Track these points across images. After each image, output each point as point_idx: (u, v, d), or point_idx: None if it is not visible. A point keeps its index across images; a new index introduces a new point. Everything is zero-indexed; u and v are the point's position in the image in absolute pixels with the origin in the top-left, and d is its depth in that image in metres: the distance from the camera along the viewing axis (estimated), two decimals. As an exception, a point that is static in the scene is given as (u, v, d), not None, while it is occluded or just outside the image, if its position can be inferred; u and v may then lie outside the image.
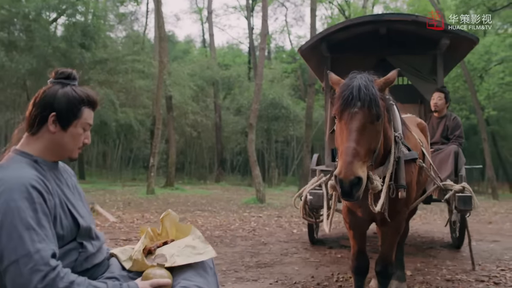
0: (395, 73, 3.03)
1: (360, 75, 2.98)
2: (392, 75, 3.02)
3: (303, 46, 6.32)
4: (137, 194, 15.97)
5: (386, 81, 3.01)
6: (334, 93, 3.20)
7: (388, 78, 3.02)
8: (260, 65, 14.45)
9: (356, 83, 2.88)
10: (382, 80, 3.01)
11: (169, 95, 20.27)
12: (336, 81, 3.14)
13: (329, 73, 3.21)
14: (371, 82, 2.91)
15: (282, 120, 25.20)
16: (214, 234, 7.97)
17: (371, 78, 2.95)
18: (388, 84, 3.03)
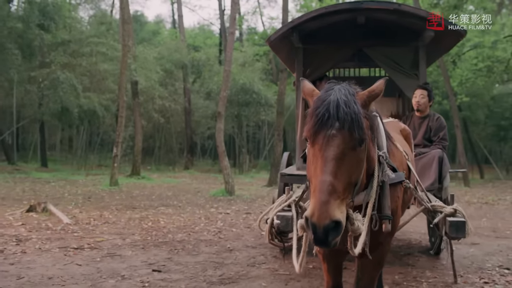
0: (382, 84, 2.43)
1: (338, 86, 2.37)
2: (378, 87, 2.42)
3: (271, 37, 5.67)
4: (100, 185, 15.16)
5: (371, 95, 2.41)
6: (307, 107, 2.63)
7: (373, 90, 2.41)
8: (229, 51, 13.71)
9: (333, 97, 2.27)
10: (366, 93, 2.41)
11: (134, 80, 19.32)
12: (309, 92, 2.53)
13: (302, 80, 2.60)
14: (352, 96, 2.30)
15: (253, 105, 24.52)
16: (177, 238, 7.35)
17: (352, 91, 2.35)
18: (373, 98, 2.42)
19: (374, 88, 2.41)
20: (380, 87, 2.41)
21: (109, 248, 6.53)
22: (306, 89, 2.53)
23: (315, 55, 5.99)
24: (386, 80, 2.46)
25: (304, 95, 2.55)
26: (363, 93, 2.40)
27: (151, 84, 21.86)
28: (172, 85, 26.23)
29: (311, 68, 6.03)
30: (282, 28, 5.57)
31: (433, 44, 5.61)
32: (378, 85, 2.42)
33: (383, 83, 2.42)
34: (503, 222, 9.52)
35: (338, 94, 2.29)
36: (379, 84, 2.42)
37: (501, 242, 7.35)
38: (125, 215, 9.30)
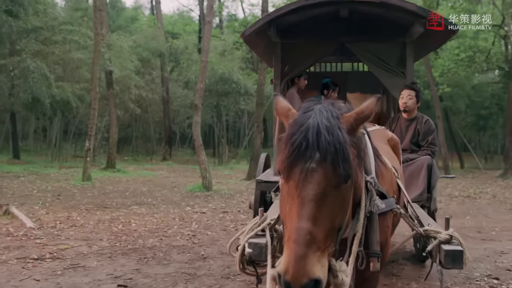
0: (373, 104, 1.99)
1: (319, 107, 1.93)
2: (368, 108, 1.98)
3: (246, 31, 5.20)
4: (72, 180, 14.55)
5: (359, 117, 1.97)
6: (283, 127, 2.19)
7: (362, 112, 1.97)
8: (206, 41, 13.15)
9: (313, 121, 1.84)
10: (353, 115, 1.97)
11: (108, 69, 18.61)
12: (283, 111, 2.08)
13: (276, 97, 2.13)
14: (336, 120, 1.87)
15: (233, 95, 23.95)
16: (147, 243, 6.89)
17: (335, 113, 1.91)
18: (362, 121, 1.99)
19: (363, 109, 1.98)
20: (371, 107, 1.98)
21: (73, 257, 6.05)
22: (280, 108, 2.09)
23: (294, 51, 5.55)
24: (378, 99, 2.03)
25: (278, 115, 2.10)
26: (349, 116, 1.96)
27: (126, 74, 21.13)
28: (149, 74, 25.50)
29: (291, 65, 5.59)
30: (258, 22, 5.09)
31: (421, 40, 5.21)
32: (368, 105, 1.98)
33: (374, 102, 1.99)
34: (487, 221, 9.27)
35: (319, 117, 1.85)
36: (369, 104, 1.98)
37: (488, 245, 7.06)
38: (94, 217, 8.79)
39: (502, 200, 12.79)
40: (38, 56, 19.46)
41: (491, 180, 19.37)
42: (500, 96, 29.69)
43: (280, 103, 2.09)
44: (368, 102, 1.99)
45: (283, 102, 2.09)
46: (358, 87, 7.45)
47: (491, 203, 12.12)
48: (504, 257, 6.43)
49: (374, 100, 1.99)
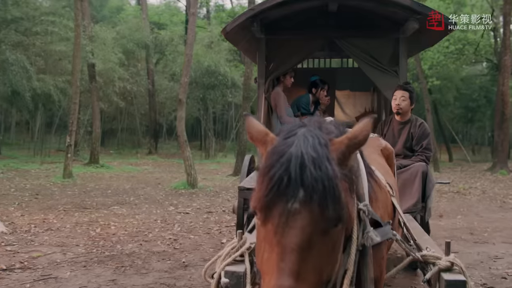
0: (368, 126, 1.63)
1: (303, 131, 1.58)
2: (363, 131, 1.62)
3: (228, 27, 4.82)
4: (53, 177, 14.09)
5: (352, 143, 1.61)
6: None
7: (356, 136, 1.61)
8: (190, 33, 12.71)
9: (296, 150, 1.48)
10: (345, 141, 1.60)
11: (91, 62, 18.06)
12: (258, 136, 1.71)
13: (247, 117, 1.76)
14: (324, 149, 1.52)
15: (219, 88, 23.50)
16: (126, 249, 6.53)
17: (323, 139, 1.55)
18: (355, 148, 1.63)
19: (356, 133, 1.62)
20: (365, 131, 1.62)
21: (45, 267, 5.67)
22: (255, 132, 1.71)
23: (280, 48, 5.20)
24: (374, 119, 1.68)
25: (253, 141, 1.73)
26: (340, 141, 1.60)
27: (110, 66, 20.56)
28: (134, 66, 24.93)
29: (276, 62, 5.23)
30: (241, 16, 4.71)
31: (415, 37, 4.88)
32: (362, 128, 1.62)
33: (368, 125, 1.64)
34: (478, 220, 9.03)
35: (303, 144, 1.50)
36: (363, 127, 1.63)
37: (480, 249, 6.80)
38: (72, 219, 8.40)
39: (492, 196, 12.61)
40: (19, 48, 18.85)
41: (480, 174, 19.28)
42: (488, 88, 29.67)
43: (254, 126, 1.71)
44: (362, 124, 1.64)
45: (257, 125, 1.71)
46: (347, 84, 7.13)
47: (481, 200, 11.94)
48: (498, 262, 6.18)
49: (369, 122, 1.64)
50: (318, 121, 1.78)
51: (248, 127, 1.72)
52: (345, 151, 1.59)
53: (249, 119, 1.74)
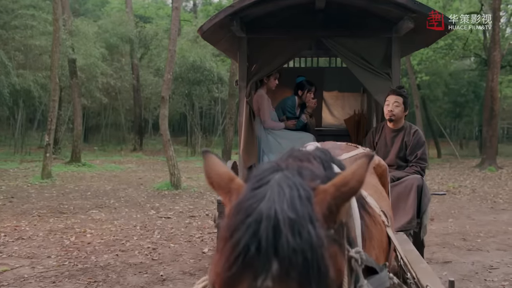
0: (363, 168, 1.24)
1: (278, 177, 1.18)
2: (355, 176, 1.21)
3: (205, 26, 4.41)
4: (31, 177, 13.57)
5: (341, 192, 1.20)
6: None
7: (346, 183, 1.21)
8: (173, 28, 12.25)
9: (268, 207, 1.10)
10: (331, 190, 1.20)
11: (71, 58, 17.48)
12: (221, 182, 1.31)
13: (206, 155, 1.34)
14: (306, 204, 1.13)
15: (205, 84, 23.01)
16: (100, 261, 6.13)
17: (304, 190, 1.16)
18: (346, 199, 1.23)
19: (347, 178, 1.22)
20: (360, 174, 1.23)
21: (10, 283, 5.26)
22: (214, 175, 1.31)
23: (263, 48, 4.80)
24: (371, 158, 1.29)
25: (212, 187, 1.34)
26: (325, 191, 1.20)
27: (92, 61, 19.95)
28: (118, 61, 24.33)
29: (259, 63, 4.82)
30: (219, 14, 4.28)
31: (409, 37, 4.50)
32: (356, 171, 1.23)
33: (364, 167, 1.24)
34: (470, 224, 8.75)
35: (278, 199, 1.11)
36: (357, 169, 1.23)
37: (475, 258, 6.49)
38: (46, 225, 7.96)
39: (482, 195, 12.39)
40: (-3, 42, 18.24)
41: (469, 171, 19.11)
42: (476, 83, 29.57)
43: (214, 168, 1.32)
44: (355, 166, 1.24)
45: (218, 167, 1.32)
46: (335, 85, 6.75)
47: (472, 200, 11.69)
48: (494, 273, 5.88)
49: (365, 163, 1.25)
50: (298, 160, 1.40)
51: (207, 169, 1.32)
52: (331, 204, 1.20)
53: (208, 157, 1.34)
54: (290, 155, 1.47)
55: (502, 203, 11.27)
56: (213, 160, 1.32)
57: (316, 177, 1.27)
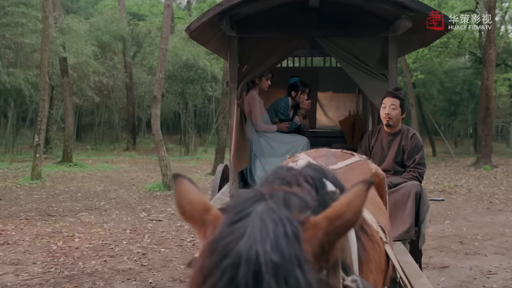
0: (361, 197, 1.05)
1: (261, 209, 1.00)
2: (350, 208, 1.02)
3: (192, 25, 4.20)
4: (21, 177, 13.32)
5: (335, 226, 1.01)
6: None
7: (340, 215, 1.02)
8: (165, 26, 12.02)
9: (247, 247, 0.91)
10: (323, 223, 1.02)
11: (62, 56, 17.20)
12: (194, 212, 1.12)
13: (177, 180, 1.15)
14: (293, 244, 0.94)
15: (199, 82, 22.76)
16: (88, 267, 5.94)
17: (292, 224, 0.97)
18: (340, 233, 1.05)
19: (342, 209, 1.03)
20: (357, 205, 1.05)
21: (-8, 292, 5.06)
22: (187, 204, 1.12)
23: (255, 47, 4.60)
24: (370, 185, 1.10)
25: (185, 218, 1.15)
26: (316, 225, 1.02)
27: (84, 60, 19.66)
28: (110, 59, 24.03)
29: (250, 64, 4.62)
30: (207, 13, 4.07)
31: (407, 36, 4.32)
32: (352, 200, 1.04)
33: (363, 194, 1.06)
34: (467, 226, 8.61)
35: (260, 237, 0.93)
36: (353, 197, 1.05)
37: (472, 262, 6.35)
38: (33, 229, 7.75)
39: (478, 195, 12.25)
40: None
41: (464, 170, 18.98)
42: (471, 81, 29.47)
43: (186, 195, 1.13)
44: (351, 196, 1.06)
45: (191, 194, 1.12)
46: (330, 85, 6.56)
47: (468, 200, 11.56)
48: (492, 279, 5.74)
49: (362, 191, 1.06)
50: (286, 184, 1.22)
51: (178, 197, 1.14)
52: (324, 240, 1.02)
53: (180, 182, 1.15)
54: (277, 177, 1.29)
55: (498, 203, 11.14)
56: (185, 185, 1.14)
57: (306, 207, 1.08)
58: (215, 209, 1.10)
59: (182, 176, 1.15)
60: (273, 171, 1.37)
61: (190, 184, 1.14)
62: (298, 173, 1.35)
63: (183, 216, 1.13)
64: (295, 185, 1.24)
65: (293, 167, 1.41)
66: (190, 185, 1.14)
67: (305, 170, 1.42)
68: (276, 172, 1.34)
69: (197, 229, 1.11)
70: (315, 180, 1.38)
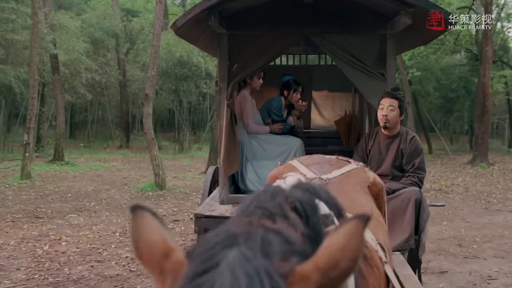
0: (358, 241, 0.83)
1: (233, 256, 0.77)
2: (347, 253, 0.80)
3: (178, 21, 3.96)
4: (11, 177, 13.05)
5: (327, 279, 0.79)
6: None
7: (335, 264, 0.79)
8: (157, 23, 11.76)
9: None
10: (314, 273, 0.78)
11: (53, 53, 16.89)
12: (152, 256, 0.88)
13: (135, 214, 0.93)
14: None
15: (193, 79, 22.48)
16: (74, 273, 5.71)
17: (272, 280, 0.75)
18: (334, 285, 0.84)
19: (336, 257, 0.81)
20: (353, 250, 0.82)
21: (-29, 302, 4.83)
22: (144, 246, 0.90)
23: (246, 45, 4.36)
24: (367, 221, 0.88)
25: (142, 262, 0.92)
26: (304, 278, 0.79)
27: (76, 57, 19.34)
28: (103, 56, 23.71)
29: (241, 62, 4.39)
30: (194, 8, 3.83)
31: (406, 34, 4.10)
32: (347, 247, 0.81)
33: (359, 238, 0.84)
34: (465, 227, 8.43)
35: None
36: (348, 243, 0.82)
37: (472, 267, 6.15)
38: (19, 232, 7.51)
39: (475, 194, 12.10)
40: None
41: (460, 168, 18.85)
42: (467, 78, 29.38)
43: (145, 233, 0.90)
44: (347, 238, 0.83)
45: (150, 234, 0.90)
46: (325, 84, 6.34)
47: (465, 199, 11.40)
48: (493, 285, 5.55)
49: (359, 230, 0.84)
50: (266, 217, 1.00)
51: (135, 235, 0.91)
52: None
53: (139, 216, 0.92)
54: (258, 205, 1.07)
55: (496, 203, 10.98)
56: (145, 221, 0.91)
57: (292, 252, 0.85)
58: (178, 254, 0.88)
59: (142, 208, 0.93)
60: (255, 196, 1.14)
61: (152, 218, 0.92)
62: (284, 199, 1.13)
63: (139, 259, 0.91)
64: (280, 217, 1.02)
65: (279, 191, 1.18)
66: (152, 220, 0.91)
67: (293, 192, 1.20)
68: (257, 198, 1.12)
69: (155, 277, 0.89)
70: (304, 206, 1.16)
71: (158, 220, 0.92)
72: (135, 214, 0.92)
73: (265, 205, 1.06)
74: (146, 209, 0.93)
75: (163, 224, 0.92)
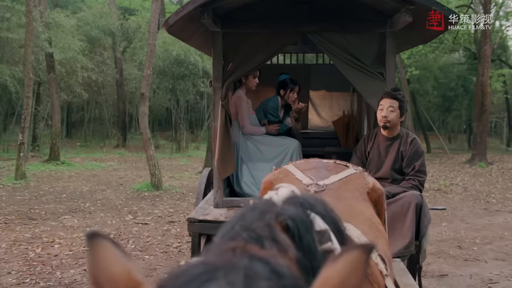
0: (360, 270, 0.71)
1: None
2: (347, 283, 0.70)
3: (170, 19, 3.82)
4: (5, 177, 12.89)
5: None
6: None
7: None
8: (153, 21, 11.61)
9: None
10: None
11: (48, 52, 16.73)
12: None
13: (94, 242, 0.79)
14: None
15: (190, 78, 22.32)
16: (66, 277, 5.58)
17: None
18: None
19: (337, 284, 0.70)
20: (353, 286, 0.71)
21: (-41, 308, 4.70)
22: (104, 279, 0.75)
23: (241, 44, 4.23)
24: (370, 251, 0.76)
25: None
26: None
27: (71, 55, 19.16)
28: (100, 54, 23.53)
29: (236, 62, 4.26)
30: (187, 5, 3.70)
31: (406, 32, 3.97)
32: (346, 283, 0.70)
33: (360, 272, 0.72)
34: (465, 228, 8.33)
35: None
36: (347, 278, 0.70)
37: (472, 270, 6.04)
38: (11, 234, 7.37)
39: (474, 194, 12.00)
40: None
41: (459, 167, 18.76)
42: (465, 77, 29.30)
43: (104, 264, 0.76)
44: (346, 272, 0.71)
45: (113, 263, 0.76)
46: (323, 83, 6.22)
47: (464, 199, 11.30)
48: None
49: (361, 264, 0.72)
50: (253, 240, 0.88)
51: (93, 268, 0.78)
52: None
53: (97, 246, 0.78)
54: (244, 226, 0.94)
55: (495, 203, 10.89)
56: (105, 251, 0.78)
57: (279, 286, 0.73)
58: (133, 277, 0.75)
59: (100, 237, 0.79)
60: (242, 213, 1.02)
61: (112, 248, 0.78)
62: (274, 218, 1.01)
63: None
64: (268, 241, 0.89)
65: (269, 207, 1.06)
66: (112, 250, 0.78)
67: (285, 209, 1.08)
68: (244, 216, 0.99)
69: None
70: (297, 224, 1.04)
71: (120, 250, 0.78)
72: (92, 244, 0.79)
73: (253, 226, 0.94)
74: (105, 237, 0.79)
75: (126, 254, 0.79)
